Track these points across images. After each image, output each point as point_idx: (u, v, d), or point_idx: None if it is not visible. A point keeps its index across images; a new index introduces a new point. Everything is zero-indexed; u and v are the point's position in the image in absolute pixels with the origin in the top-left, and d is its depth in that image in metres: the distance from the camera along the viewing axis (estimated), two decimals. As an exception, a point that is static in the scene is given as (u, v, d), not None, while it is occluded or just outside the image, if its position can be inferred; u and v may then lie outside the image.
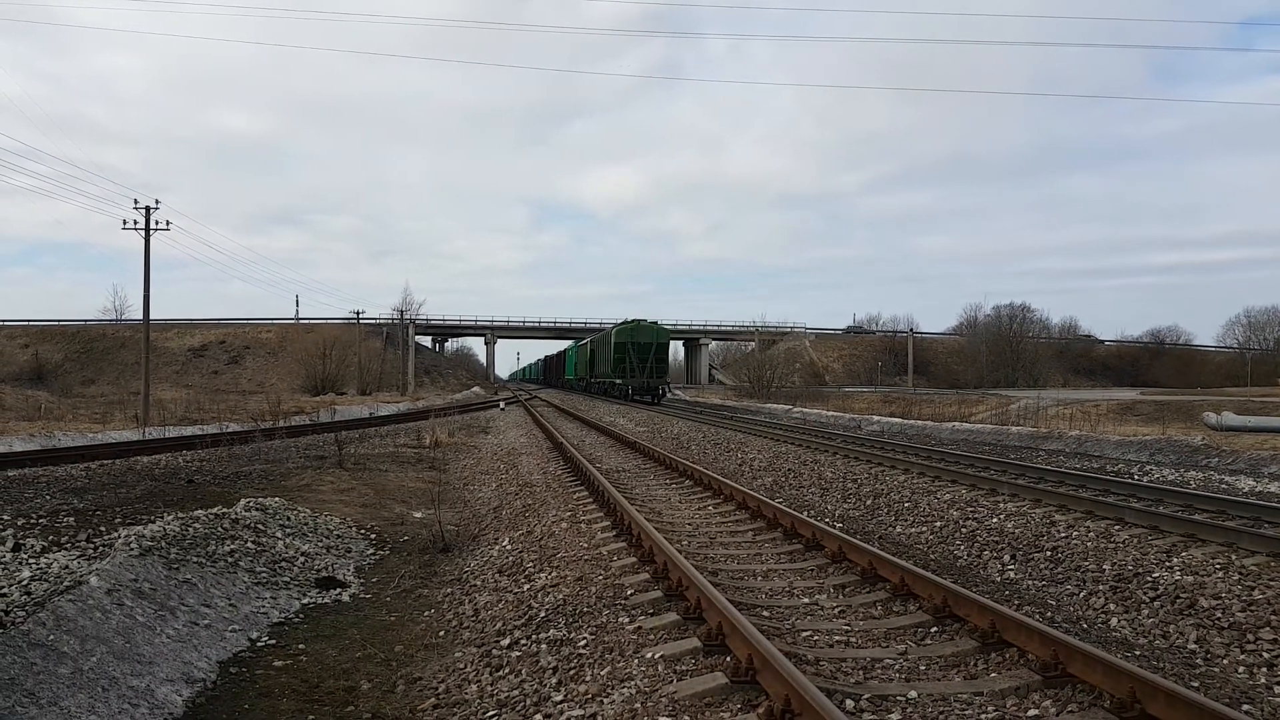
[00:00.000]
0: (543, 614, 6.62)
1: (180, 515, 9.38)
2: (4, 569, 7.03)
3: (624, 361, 48.33)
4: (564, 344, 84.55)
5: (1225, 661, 5.89)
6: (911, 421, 32.20)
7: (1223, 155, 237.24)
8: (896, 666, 5.22)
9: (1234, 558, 7.84)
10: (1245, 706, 4.97)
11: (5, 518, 9.47)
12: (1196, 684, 5.35)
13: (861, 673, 5.12)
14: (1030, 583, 8.05)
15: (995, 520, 10.21)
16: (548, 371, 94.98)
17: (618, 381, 49.31)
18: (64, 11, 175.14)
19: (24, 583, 6.62)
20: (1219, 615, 6.52)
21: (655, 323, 52.02)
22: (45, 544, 8.13)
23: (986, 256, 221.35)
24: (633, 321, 51.34)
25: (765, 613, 6.36)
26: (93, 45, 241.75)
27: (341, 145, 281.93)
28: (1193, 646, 6.20)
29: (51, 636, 5.34)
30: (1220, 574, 7.37)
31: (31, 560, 7.37)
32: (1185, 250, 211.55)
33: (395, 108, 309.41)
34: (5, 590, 6.43)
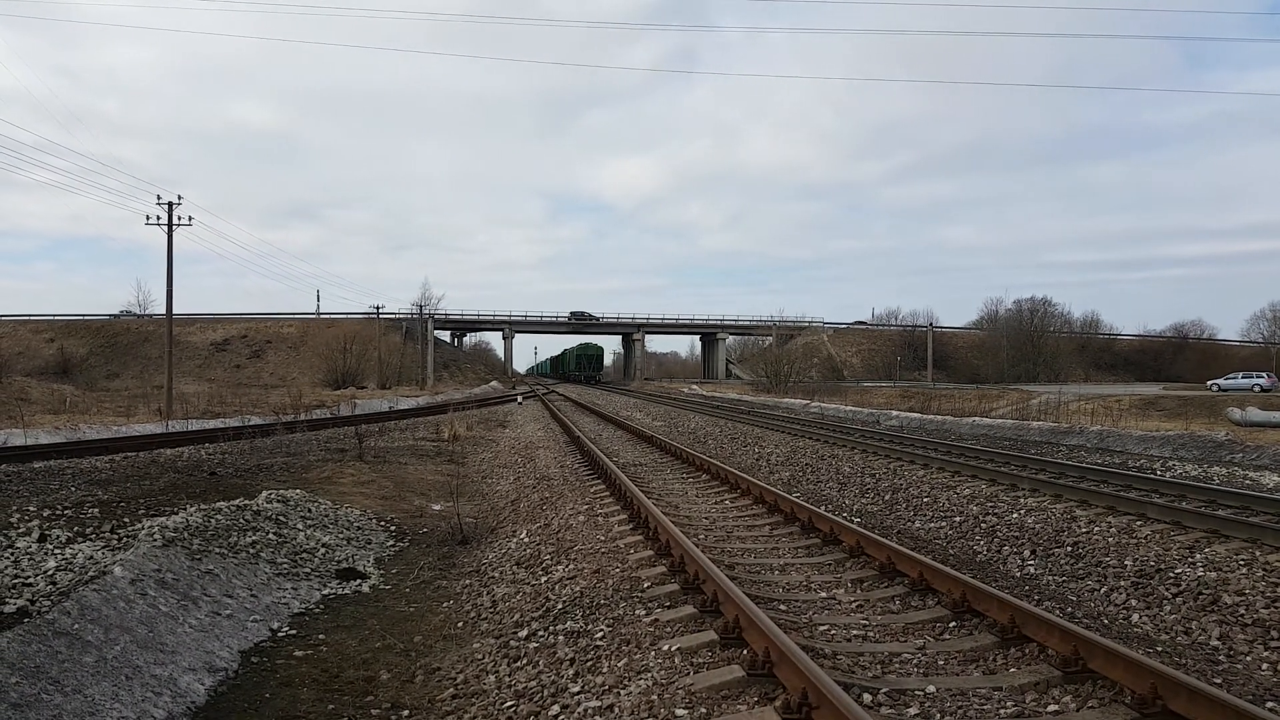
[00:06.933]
0: (560, 606, 6.64)
1: (203, 507, 9.49)
2: (30, 559, 7.14)
3: (580, 363, 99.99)
4: (581, 338, 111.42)
5: (1249, 658, 5.83)
6: (931, 416, 32.01)
7: (1251, 143, 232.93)
8: (915, 661, 5.20)
9: (1258, 554, 7.75)
10: (1269, 704, 4.91)
11: (31, 509, 9.62)
12: (1220, 681, 5.30)
13: (879, 667, 5.11)
14: (1050, 578, 7.99)
15: (1015, 515, 10.14)
16: (554, 368, 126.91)
17: (577, 374, 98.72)
18: (73, 7, 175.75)
19: (49, 573, 6.72)
20: (1242, 612, 6.45)
21: (596, 343, 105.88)
22: (70, 535, 8.25)
23: (1008, 248, 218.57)
24: (584, 343, 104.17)
25: (782, 606, 6.36)
26: (101, 37, 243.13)
27: (357, 140, 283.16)
28: (1216, 643, 6.13)
29: (76, 625, 5.42)
30: (1244, 570, 7.28)
31: (57, 551, 7.47)
32: (1211, 241, 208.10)
33: (410, 101, 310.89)
34: (31, 580, 6.54)
